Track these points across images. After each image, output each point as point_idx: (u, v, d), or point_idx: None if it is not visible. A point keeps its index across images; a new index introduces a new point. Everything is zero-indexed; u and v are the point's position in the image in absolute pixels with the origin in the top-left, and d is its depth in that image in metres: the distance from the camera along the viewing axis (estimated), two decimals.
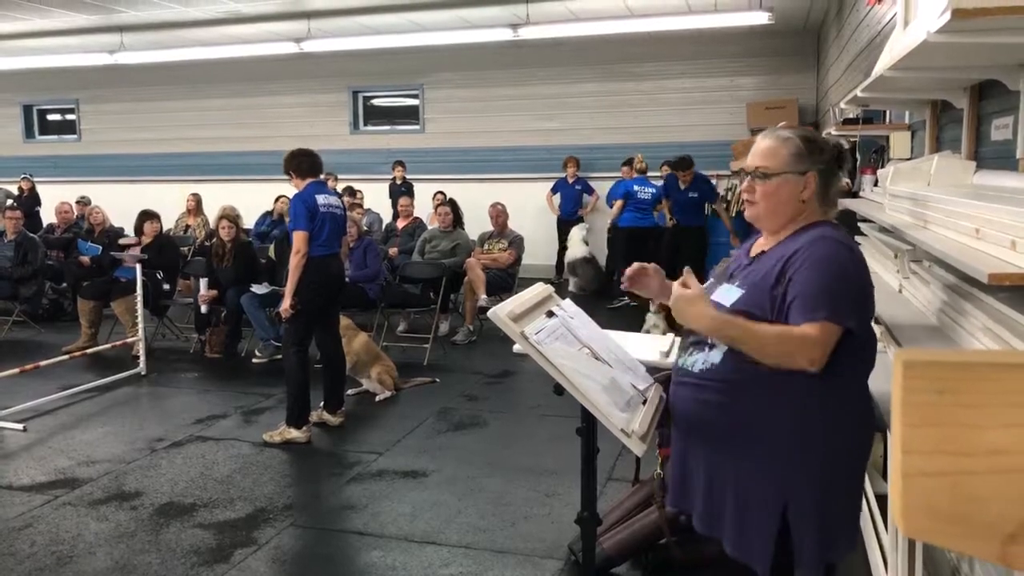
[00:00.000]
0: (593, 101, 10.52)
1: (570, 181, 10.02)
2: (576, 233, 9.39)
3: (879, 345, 2.62)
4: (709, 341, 1.85)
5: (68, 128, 13.22)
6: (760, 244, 1.92)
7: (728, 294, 1.85)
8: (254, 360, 6.42)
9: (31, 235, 7.75)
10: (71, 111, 13.06)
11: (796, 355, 1.67)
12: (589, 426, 2.11)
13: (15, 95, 12.93)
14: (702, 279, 1.92)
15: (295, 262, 4.45)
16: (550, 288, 2.24)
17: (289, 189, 4.93)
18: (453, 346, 6.90)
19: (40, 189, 11.29)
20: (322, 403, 4.79)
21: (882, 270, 3.03)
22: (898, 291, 2.66)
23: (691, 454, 1.91)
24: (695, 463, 1.89)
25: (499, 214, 7.71)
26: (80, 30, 9.58)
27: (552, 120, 10.68)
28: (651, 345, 2.42)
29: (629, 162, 9.34)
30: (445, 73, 11.01)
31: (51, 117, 13.47)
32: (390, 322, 7.07)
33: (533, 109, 10.73)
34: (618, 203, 8.80)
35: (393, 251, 7.81)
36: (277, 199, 8.89)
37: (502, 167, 10.76)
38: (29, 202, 10.87)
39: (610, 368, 2.01)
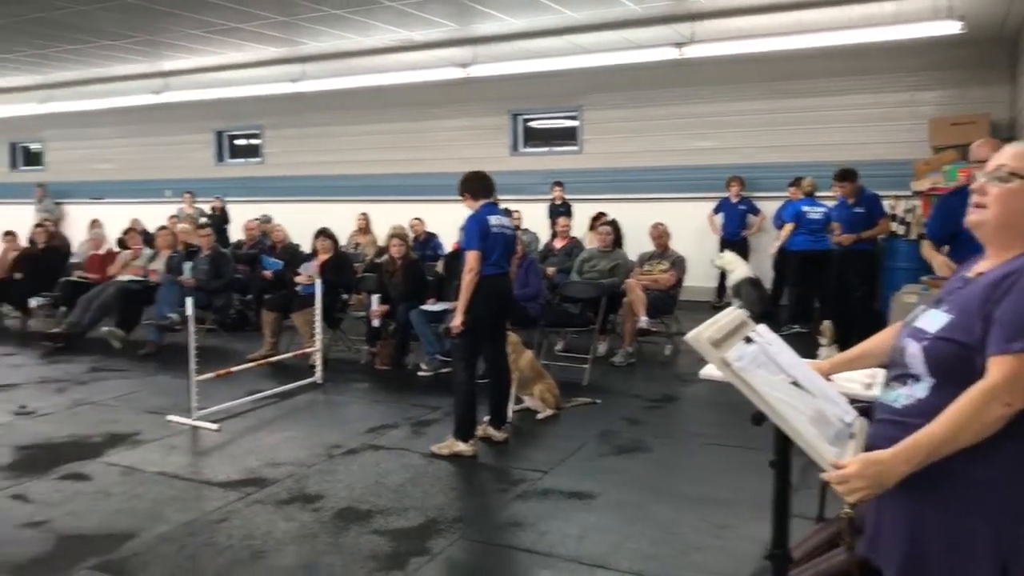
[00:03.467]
0: (756, 119, 10.17)
1: (734, 201, 9.73)
2: (730, 255, 9.04)
3: None
4: (913, 373, 1.70)
5: (253, 152, 14.37)
6: (981, 265, 1.74)
7: (934, 320, 1.70)
8: (419, 373, 6.64)
9: (223, 250, 8.45)
10: (256, 136, 14.19)
11: (990, 411, 1.51)
12: (783, 459, 2.01)
13: (209, 122, 14.21)
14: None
15: (467, 280, 4.57)
16: (744, 313, 2.16)
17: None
18: (611, 367, 6.84)
19: (228, 208, 12.39)
20: (486, 418, 4.88)
21: None
22: None
23: (890, 500, 1.72)
24: (894, 510, 1.72)
25: (661, 234, 7.59)
26: (268, 61, 10.40)
27: (713, 139, 10.43)
28: (853, 376, 2.27)
29: (796, 182, 8.95)
30: (604, 94, 11.03)
31: (238, 142, 14.70)
32: (548, 341, 7.11)
33: (694, 128, 10.53)
34: (788, 226, 8.44)
35: (551, 271, 7.87)
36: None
37: (661, 187, 10.61)
38: (219, 220, 11.92)
39: (815, 398, 1.90)
